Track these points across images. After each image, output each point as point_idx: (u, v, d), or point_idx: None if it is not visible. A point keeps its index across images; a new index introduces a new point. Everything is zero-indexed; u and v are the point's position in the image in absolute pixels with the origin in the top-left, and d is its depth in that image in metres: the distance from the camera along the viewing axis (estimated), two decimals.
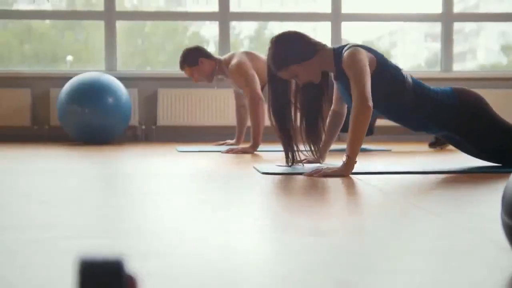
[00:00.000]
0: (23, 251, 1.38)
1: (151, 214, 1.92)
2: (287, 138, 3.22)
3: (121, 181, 2.87)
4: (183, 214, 1.93)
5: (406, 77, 3.07)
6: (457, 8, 6.49)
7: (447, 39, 6.42)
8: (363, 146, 4.96)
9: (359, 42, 3.13)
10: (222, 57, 4.84)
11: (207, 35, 7.00)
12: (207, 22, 6.52)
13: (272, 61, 3.10)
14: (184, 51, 4.84)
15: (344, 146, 2.97)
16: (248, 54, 4.72)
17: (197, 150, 4.66)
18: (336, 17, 6.32)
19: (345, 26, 6.38)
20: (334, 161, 3.23)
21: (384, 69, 3.03)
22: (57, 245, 1.44)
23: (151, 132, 6.16)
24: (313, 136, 3.25)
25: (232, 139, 5.27)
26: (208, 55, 4.80)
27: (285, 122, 3.21)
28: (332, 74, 3.19)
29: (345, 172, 2.85)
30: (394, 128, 5.96)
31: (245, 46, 7.34)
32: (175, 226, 1.71)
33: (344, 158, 2.87)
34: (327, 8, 6.35)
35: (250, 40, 7.51)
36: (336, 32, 6.31)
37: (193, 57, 4.78)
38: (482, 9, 7.35)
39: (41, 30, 7.28)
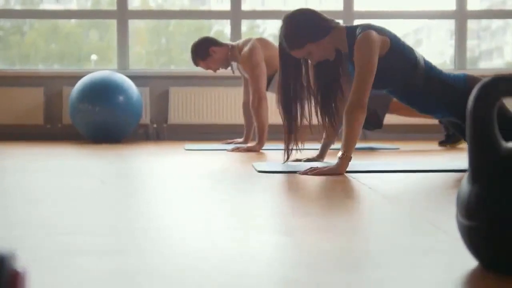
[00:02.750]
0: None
1: (135, 212, 1.94)
2: (291, 128, 3.16)
3: (120, 180, 2.89)
4: (169, 212, 1.94)
5: (419, 59, 3.02)
6: (483, 5, 6.39)
7: (460, 36, 6.36)
8: (371, 145, 4.96)
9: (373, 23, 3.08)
10: (235, 43, 4.83)
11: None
12: (230, 21, 6.50)
13: (285, 39, 3.04)
14: (192, 46, 4.82)
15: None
16: (261, 41, 4.71)
17: (204, 148, 4.69)
18: (348, 15, 6.29)
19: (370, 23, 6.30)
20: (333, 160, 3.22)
21: (396, 50, 2.98)
22: (46, 242, 1.46)
23: (163, 130, 6.19)
24: (329, 111, 3.20)
25: (242, 137, 5.27)
26: (218, 43, 4.78)
27: (293, 107, 3.14)
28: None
29: (339, 170, 2.84)
30: (403, 127, 5.93)
31: None
32: (160, 224, 1.72)
33: (339, 154, 2.86)
34: (340, 6, 6.32)
35: (274, 38, 7.49)
36: None
37: (204, 49, 4.75)
38: (510, 6, 7.15)
39: (67, 30, 7.37)
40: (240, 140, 5.18)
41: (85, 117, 5.44)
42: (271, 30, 7.44)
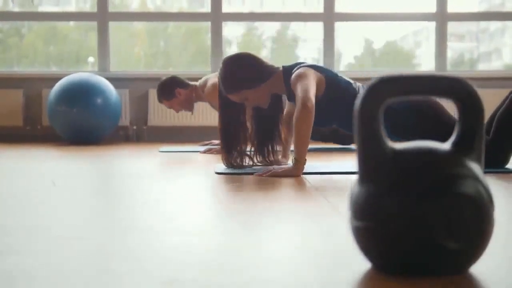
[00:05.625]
0: None
1: (73, 214, 1.94)
2: (232, 154, 3.16)
3: (73, 181, 2.89)
4: (109, 215, 1.94)
5: (358, 90, 3.07)
6: (481, 7, 6.36)
7: (440, 38, 6.36)
8: (350, 146, 4.96)
9: (311, 62, 3.13)
10: (198, 83, 4.86)
11: (229, 35, 7.03)
12: (229, 23, 6.52)
13: (222, 83, 3.08)
14: (159, 85, 4.87)
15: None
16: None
17: (178, 150, 4.69)
18: (328, 16, 6.29)
19: (367, 26, 6.32)
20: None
21: (333, 86, 3.02)
22: None
23: (142, 132, 6.19)
24: (263, 152, 3.25)
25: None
26: (184, 85, 4.83)
27: (234, 141, 3.16)
28: (285, 96, 3.20)
29: (294, 172, 2.84)
30: None
31: (267, 47, 7.37)
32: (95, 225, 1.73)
33: (292, 159, 2.87)
34: (321, 8, 6.32)
35: (273, 40, 7.50)
36: (329, 32, 6.28)
37: (169, 89, 4.81)
38: (508, 8, 7.13)
39: (65, 32, 7.41)
40: (217, 141, 5.18)
41: (63, 119, 5.45)
42: (269, 32, 7.45)
